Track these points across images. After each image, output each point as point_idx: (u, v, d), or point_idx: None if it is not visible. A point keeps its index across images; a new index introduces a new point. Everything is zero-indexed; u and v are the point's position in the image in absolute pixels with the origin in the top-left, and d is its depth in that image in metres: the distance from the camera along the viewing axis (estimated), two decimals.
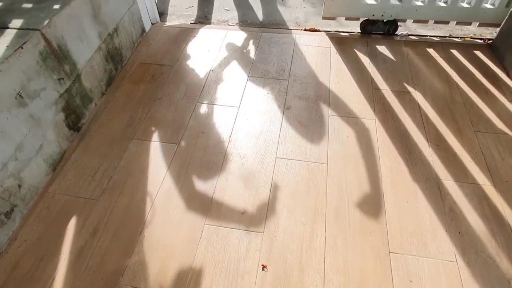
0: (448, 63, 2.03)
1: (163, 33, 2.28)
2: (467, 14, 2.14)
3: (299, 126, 1.69)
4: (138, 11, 2.13)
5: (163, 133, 1.66)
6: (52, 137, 1.48)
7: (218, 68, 2.01)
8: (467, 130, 1.66)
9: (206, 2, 2.70)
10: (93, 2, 1.67)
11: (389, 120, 1.71)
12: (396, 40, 2.22)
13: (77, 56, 1.59)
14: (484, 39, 2.23)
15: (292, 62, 2.05)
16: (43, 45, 1.38)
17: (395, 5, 2.13)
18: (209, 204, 1.39)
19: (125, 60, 2.03)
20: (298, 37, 2.24)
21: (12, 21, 1.40)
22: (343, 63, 2.04)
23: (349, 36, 2.27)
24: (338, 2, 2.14)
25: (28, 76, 1.32)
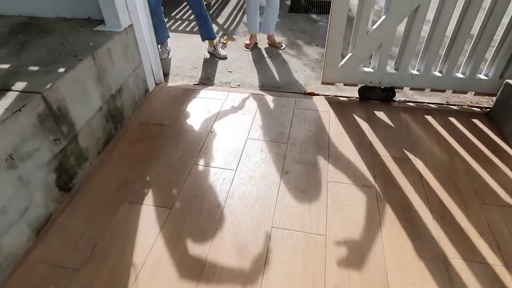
0: (447, 130, 2.03)
1: (166, 93, 2.34)
2: (462, 83, 2.19)
3: (297, 192, 1.63)
4: (143, 72, 2.20)
5: (156, 196, 1.61)
6: (40, 199, 1.42)
7: (217, 129, 2.01)
8: (472, 202, 1.59)
9: (210, 64, 2.81)
10: (99, 66, 1.73)
11: (390, 189, 1.65)
12: (394, 106, 2.25)
13: (76, 117, 1.60)
14: (481, 108, 2.26)
15: (291, 125, 2.06)
16: (42, 108, 1.39)
17: (392, 73, 2.20)
18: (198, 280, 1.28)
19: (125, 120, 2.05)
20: (298, 100, 2.28)
21: (15, 84, 1.43)
22: (342, 128, 2.04)
23: (348, 101, 2.31)
24: (336, 69, 2.22)
25: (23, 138, 1.30)
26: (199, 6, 2.66)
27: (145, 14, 2.15)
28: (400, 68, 2.17)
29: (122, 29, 1.90)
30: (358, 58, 2.16)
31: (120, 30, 1.89)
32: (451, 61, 2.12)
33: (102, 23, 1.93)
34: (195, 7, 2.68)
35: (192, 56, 2.92)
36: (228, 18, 3.70)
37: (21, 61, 1.60)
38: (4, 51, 1.68)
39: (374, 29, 2.04)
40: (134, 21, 2.03)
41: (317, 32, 3.35)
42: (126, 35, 1.95)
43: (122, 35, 1.90)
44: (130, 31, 1.98)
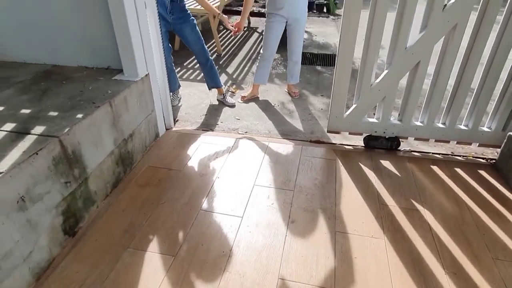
0: (454, 181, 2.02)
1: (175, 138, 2.40)
2: (466, 135, 2.24)
3: (304, 242, 1.60)
4: (155, 118, 2.29)
5: (161, 242, 1.58)
6: (44, 243, 1.41)
7: (225, 175, 2.03)
8: (485, 257, 1.55)
9: (218, 111, 2.91)
10: (115, 112, 1.81)
11: (399, 241, 1.62)
12: (399, 155, 2.28)
13: (88, 160, 1.64)
14: (486, 159, 2.28)
15: (297, 172, 2.07)
16: (58, 151, 1.43)
17: (396, 124, 2.26)
18: None
19: (135, 163, 2.08)
20: (304, 148, 2.32)
21: (35, 128, 1.50)
22: (349, 176, 2.05)
23: (354, 149, 2.35)
24: (341, 119, 2.29)
25: (36, 181, 1.33)
26: (204, 56, 2.82)
27: (161, 64, 2.29)
28: (404, 119, 2.24)
29: (139, 78, 2.02)
30: (362, 109, 2.24)
31: (137, 79, 2.01)
32: (453, 113, 2.18)
33: (121, 72, 2.05)
34: (200, 57, 2.84)
35: (202, 104, 3.04)
36: (237, 68, 3.91)
37: (42, 106, 1.68)
38: (26, 97, 1.77)
39: (377, 83, 2.14)
40: (150, 71, 2.16)
41: (322, 83, 3.50)
42: (142, 83, 2.06)
43: (138, 84, 2.01)
44: (146, 80, 2.10)
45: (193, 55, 2.89)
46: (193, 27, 2.68)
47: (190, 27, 2.66)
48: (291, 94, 3.21)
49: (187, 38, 2.72)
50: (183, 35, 2.71)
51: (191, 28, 2.67)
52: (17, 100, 1.74)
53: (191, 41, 2.73)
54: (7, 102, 1.72)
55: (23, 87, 1.89)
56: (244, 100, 3.08)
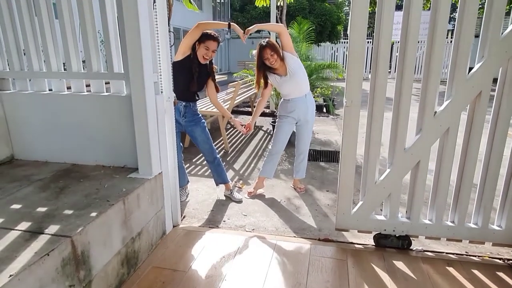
0: (474, 284, 1.91)
1: (181, 236, 2.38)
2: (477, 234, 2.20)
3: None
4: (163, 215, 2.31)
5: None
6: None
7: (231, 277, 1.95)
8: None
9: (225, 206, 2.94)
10: (127, 210, 1.85)
11: None
12: (412, 256, 2.20)
13: (95, 261, 1.61)
14: (503, 259, 2.19)
15: (308, 274, 1.98)
16: (68, 252, 1.43)
17: (405, 222, 2.25)
18: None
19: (139, 263, 2.02)
20: (313, 247, 2.27)
21: (49, 227, 1.52)
22: (362, 279, 1.95)
23: (364, 248, 2.29)
24: (349, 216, 2.29)
25: (42, 284, 1.30)
26: (212, 155, 2.99)
27: (174, 162, 2.43)
28: (412, 217, 2.24)
29: (152, 177, 2.12)
30: (369, 206, 2.26)
31: (151, 177, 2.11)
32: (460, 210, 2.19)
33: (136, 171, 2.16)
34: (207, 155, 3.00)
35: (209, 199, 3.09)
36: (243, 164, 4.07)
37: (58, 204, 1.74)
38: (44, 195, 1.84)
39: (381, 180, 2.21)
40: (163, 169, 2.27)
41: (326, 179, 3.60)
42: (155, 181, 2.15)
43: (151, 182, 2.10)
44: (159, 178, 2.20)
45: (202, 153, 3.07)
46: (203, 129, 2.92)
47: (200, 129, 2.90)
48: (297, 190, 3.28)
49: (196, 139, 2.93)
50: (193, 136, 2.93)
51: (201, 130, 2.90)
52: (35, 198, 1.80)
53: (200, 141, 2.93)
54: (26, 199, 1.78)
55: (42, 184, 1.97)
56: (250, 196, 3.14)
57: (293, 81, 2.90)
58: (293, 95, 2.97)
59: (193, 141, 2.99)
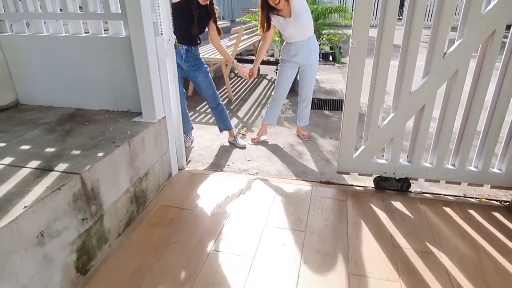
0: (469, 224, 1.99)
1: (187, 178, 2.46)
2: (476, 177, 2.24)
3: (317, 285, 1.56)
4: (169, 158, 2.37)
5: (171, 283, 1.56)
6: (57, 280, 1.41)
7: (236, 215, 2.04)
8: None
9: (229, 152, 2.99)
10: (132, 151, 1.89)
11: (416, 285, 1.57)
12: (411, 197, 2.27)
13: (105, 197, 1.69)
14: (500, 201, 2.25)
15: (309, 213, 2.07)
16: (78, 188, 1.49)
17: (405, 165, 2.29)
18: None
19: (148, 202, 2.12)
20: (315, 189, 2.34)
21: (58, 165, 1.57)
22: (360, 217, 2.04)
23: (364, 190, 2.35)
24: (350, 160, 2.33)
25: (56, 216, 1.38)
26: (215, 101, 2.97)
27: (177, 107, 2.42)
28: (413, 161, 2.27)
29: (156, 121, 2.13)
30: (371, 150, 2.28)
31: (155, 121, 2.12)
32: (462, 155, 2.21)
33: (140, 115, 2.17)
34: (211, 102, 2.99)
35: (213, 145, 3.13)
36: (247, 112, 4.06)
37: (65, 146, 1.78)
38: (51, 137, 1.88)
39: (384, 125, 2.21)
40: (167, 113, 2.28)
41: (330, 126, 3.60)
42: (159, 125, 2.17)
43: (155, 125, 2.12)
44: (162, 122, 2.21)
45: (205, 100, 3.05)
46: (206, 74, 2.86)
47: (203, 74, 2.85)
48: (300, 137, 3.30)
49: (199, 84, 2.89)
50: (196, 81, 2.88)
51: (204, 75, 2.85)
52: (42, 139, 1.84)
53: (203, 87, 2.90)
54: (33, 141, 1.83)
55: (48, 128, 2.01)
56: (254, 142, 3.17)
57: (297, 23, 2.77)
58: (296, 38, 2.85)
59: (196, 87, 2.95)
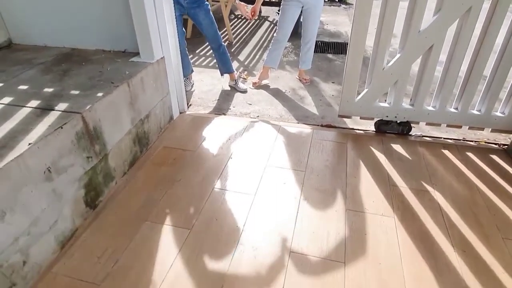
0: (466, 165, 2.03)
1: (189, 121, 2.46)
2: (478, 120, 2.23)
3: (316, 219, 1.65)
4: (169, 100, 2.34)
5: (177, 217, 1.65)
6: (68, 213, 1.49)
7: (237, 156, 2.08)
8: (495, 237, 1.57)
9: (231, 96, 2.95)
10: (132, 92, 1.87)
11: (409, 220, 1.65)
12: (411, 140, 2.29)
13: (108, 137, 1.70)
14: (499, 144, 2.28)
15: (309, 154, 2.11)
16: (80, 127, 1.50)
17: (407, 109, 2.27)
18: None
19: (150, 143, 2.15)
20: (315, 131, 2.35)
21: (58, 105, 1.56)
22: (359, 159, 2.08)
23: (364, 134, 2.37)
24: (353, 103, 2.30)
25: (61, 153, 1.40)
26: (217, 41, 2.86)
27: (175, 48, 2.34)
28: (416, 104, 2.24)
29: (154, 61, 2.07)
30: (374, 94, 2.25)
31: (153, 61, 2.06)
32: (465, 99, 2.18)
33: (137, 55, 2.10)
34: (212, 42, 2.87)
35: (214, 89, 3.09)
36: (248, 55, 3.93)
37: (64, 86, 1.75)
38: (48, 77, 1.84)
39: (389, 66, 2.14)
40: (166, 54, 2.20)
41: (333, 71, 3.50)
42: (158, 66, 2.11)
43: (154, 66, 2.06)
44: (161, 62, 2.15)
45: (206, 42, 2.94)
46: (207, 12, 2.71)
47: (204, 12, 2.70)
48: (302, 81, 3.23)
49: (200, 23, 2.75)
50: (196, 19, 2.74)
51: (204, 13, 2.70)
52: (40, 80, 1.81)
53: (205, 26, 2.76)
54: (31, 81, 1.79)
55: (44, 68, 1.96)
56: (255, 86, 3.12)
57: None
58: None
59: (197, 26, 2.82)
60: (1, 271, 1.18)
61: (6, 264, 1.20)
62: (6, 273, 1.21)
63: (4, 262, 1.19)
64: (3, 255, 1.18)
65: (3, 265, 1.19)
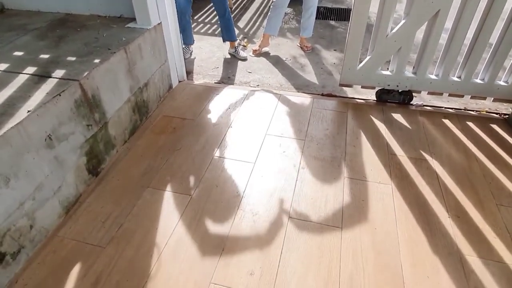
0: (465, 134, 2.04)
1: (188, 90, 2.44)
2: (481, 89, 2.21)
3: (314, 186, 1.68)
4: (168, 69, 2.31)
5: (178, 183, 1.68)
6: (71, 180, 1.51)
7: (237, 124, 2.08)
8: (489, 203, 1.60)
9: (230, 64, 2.90)
10: (130, 59, 1.83)
11: (406, 187, 1.68)
12: (411, 109, 2.28)
13: (107, 106, 1.69)
14: (500, 114, 2.27)
15: (309, 123, 2.11)
16: (79, 94, 1.49)
17: (410, 77, 2.23)
18: (217, 261, 1.33)
19: (150, 112, 2.14)
20: (316, 100, 2.33)
21: (55, 71, 1.54)
22: (359, 128, 2.08)
23: (365, 103, 2.35)
24: (354, 71, 2.27)
25: (60, 121, 1.40)
26: (224, 8, 2.77)
27: (173, 14, 2.26)
28: (418, 73, 2.21)
29: (151, 27, 2.01)
30: (376, 61, 2.20)
31: (150, 27, 2.00)
32: (469, 67, 2.14)
33: (134, 21, 2.04)
34: (219, 8, 2.78)
35: (213, 57, 3.02)
36: (248, 22, 3.82)
37: (59, 52, 1.71)
38: (43, 43, 1.80)
39: (393, 33, 2.08)
40: (163, 20, 2.14)
41: (335, 38, 3.41)
42: (155, 32, 2.06)
43: (151, 32, 2.01)
44: (158, 29, 2.09)
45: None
46: None
47: None
48: (303, 48, 3.16)
49: None
50: None
51: None
52: (35, 46, 1.77)
53: None
54: (26, 47, 1.75)
55: (39, 33, 1.91)
56: (255, 54, 3.05)
57: None
58: None
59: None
60: (9, 234, 1.22)
61: (14, 228, 1.24)
62: (14, 236, 1.25)
63: (12, 226, 1.23)
64: (10, 219, 1.22)
65: (11, 229, 1.23)
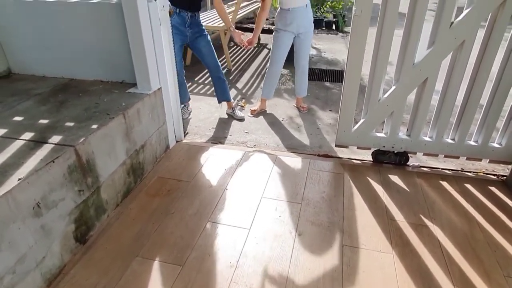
0: (464, 197, 2.01)
1: (185, 150, 2.45)
2: (476, 151, 2.23)
3: (312, 255, 1.60)
4: (166, 131, 2.35)
5: (169, 252, 1.60)
6: (57, 249, 1.44)
7: (233, 187, 2.06)
8: (496, 274, 1.52)
9: (228, 124, 2.96)
10: (128, 124, 1.87)
11: (408, 256, 1.60)
12: (408, 170, 2.27)
13: (101, 169, 1.68)
14: (497, 175, 2.25)
15: (305, 186, 2.08)
16: (73, 160, 1.49)
17: (404, 139, 2.27)
18: None
19: (145, 174, 2.13)
20: (312, 162, 2.34)
21: (52, 137, 1.56)
22: (357, 190, 2.05)
23: (362, 164, 2.35)
24: (349, 133, 2.30)
25: (52, 188, 1.38)
26: (217, 68, 2.91)
27: (173, 78, 2.37)
28: (412, 134, 2.24)
29: (151, 92, 2.09)
30: (370, 124, 2.25)
31: (150, 92, 2.08)
32: (462, 129, 2.18)
33: (134, 86, 2.13)
34: (212, 68, 2.92)
35: (211, 117, 3.10)
36: (246, 83, 3.99)
37: (59, 117, 1.75)
38: (44, 108, 1.85)
39: (385, 98, 2.16)
40: (163, 84, 2.23)
41: (330, 99, 3.54)
42: (155, 97, 2.13)
43: (151, 97, 2.08)
44: (158, 93, 2.17)
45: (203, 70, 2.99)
46: (208, 41, 2.79)
47: (205, 41, 2.77)
48: (299, 109, 3.26)
49: (201, 51, 2.82)
50: (198, 48, 2.81)
51: (206, 42, 2.78)
52: (36, 111, 1.81)
53: (205, 54, 2.82)
54: (27, 112, 1.80)
55: (41, 98, 1.97)
56: (253, 114, 3.13)
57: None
58: (294, 4, 2.72)
59: (198, 54, 2.87)
60: None
61: None
62: None
63: None
64: None
65: None
